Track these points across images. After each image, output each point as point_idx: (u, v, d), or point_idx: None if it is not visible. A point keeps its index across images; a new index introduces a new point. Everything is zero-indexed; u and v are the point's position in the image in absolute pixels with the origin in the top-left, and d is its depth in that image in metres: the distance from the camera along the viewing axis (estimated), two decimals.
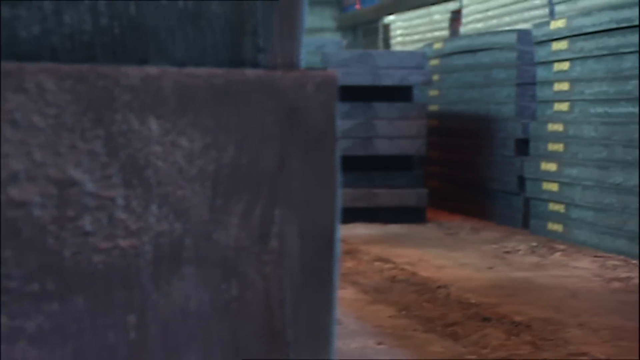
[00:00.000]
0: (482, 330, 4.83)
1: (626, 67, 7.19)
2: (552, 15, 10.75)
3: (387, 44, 20.44)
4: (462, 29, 14.11)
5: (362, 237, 8.19)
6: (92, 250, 0.91)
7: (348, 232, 8.45)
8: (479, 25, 13.26)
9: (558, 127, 8.08)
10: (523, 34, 8.99)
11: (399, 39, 18.53)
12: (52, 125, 0.89)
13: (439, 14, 17.06)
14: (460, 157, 10.14)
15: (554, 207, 8.13)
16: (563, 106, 8.05)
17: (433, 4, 17.65)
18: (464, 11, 14.21)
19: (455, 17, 15.91)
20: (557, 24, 8.13)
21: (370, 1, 26.03)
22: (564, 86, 8.00)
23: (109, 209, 0.92)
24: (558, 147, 8.07)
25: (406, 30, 18.41)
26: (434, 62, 10.71)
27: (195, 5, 0.98)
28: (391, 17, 19.80)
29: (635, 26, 7.05)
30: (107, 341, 0.92)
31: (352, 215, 9.00)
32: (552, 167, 8.11)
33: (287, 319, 0.95)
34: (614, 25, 7.31)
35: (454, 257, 7.17)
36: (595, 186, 7.50)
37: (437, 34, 16.31)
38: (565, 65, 7.99)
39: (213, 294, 0.94)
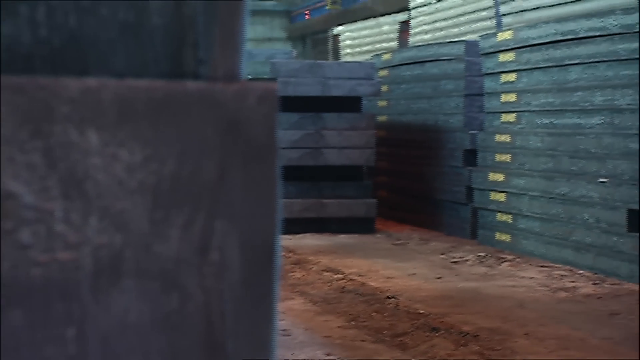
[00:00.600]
0: (430, 340, 4.85)
1: (571, 79, 7.27)
2: (499, 26, 10.85)
3: (336, 54, 20.49)
4: (411, 40, 14.19)
5: (312, 248, 8.19)
6: (30, 263, 0.90)
7: (297, 242, 8.44)
8: (427, 36, 13.34)
9: (505, 137, 8.15)
10: (471, 45, 9.06)
11: (348, 49, 18.58)
12: None
13: (388, 25, 17.15)
14: (408, 167, 10.18)
15: (501, 217, 8.20)
16: (510, 117, 8.12)
17: (382, 15, 17.73)
18: (413, 22, 14.30)
19: (404, 28, 16.00)
20: (504, 36, 8.20)
21: (320, 11, 26.06)
22: (511, 97, 8.07)
23: (48, 222, 0.91)
24: (505, 157, 8.14)
25: (355, 41, 18.46)
26: (383, 72, 10.76)
27: (136, 17, 0.98)
28: (340, 28, 19.85)
29: (580, 38, 7.13)
30: (46, 355, 0.91)
31: (301, 225, 9.00)
32: (499, 177, 8.17)
33: (227, 332, 0.94)
34: (559, 37, 7.39)
35: (403, 268, 7.19)
36: (542, 196, 7.57)
37: (385, 44, 16.38)
38: (512, 77, 8.06)
39: (153, 307, 0.93)
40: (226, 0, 0.97)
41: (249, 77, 9.49)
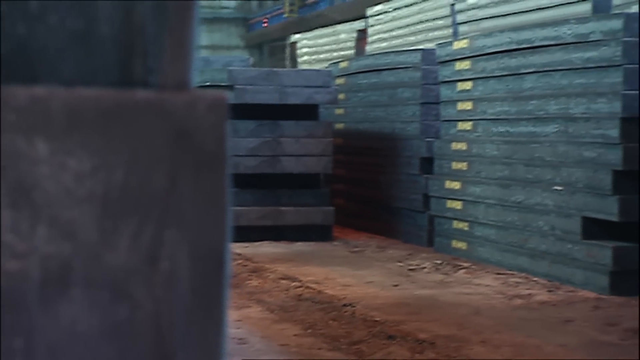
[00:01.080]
0: (387, 348, 4.86)
1: (526, 87, 7.32)
2: (455, 35, 10.92)
3: (293, 62, 20.50)
4: (368, 48, 14.23)
5: (269, 256, 8.18)
6: None
7: (254, 250, 8.43)
8: (384, 44, 13.39)
9: (462, 145, 8.19)
10: (427, 54, 9.09)
11: (306, 57, 18.60)
12: None
13: (345, 33, 17.19)
14: (365, 175, 10.20)
15: (458, 225, 8.23)
16: (466, 125, 8.16)
17: (339, 23, 17.78)
18: (370, 30, 14.35)
19: (361, 36, 16.05)
20: (460, 44, 8.25)
21: (277, 19, 26.05)
22: (467, 105, 8.12)
23: None
24: (462, 165, 8.18)
25: (312, 49, 18.48)
26: (340, 80, 10.78)
27: (85, 26, 0.97)
28: (298, 36, 19.87)
29: (535, 47, 7.19)
30: None
31: (258, 233, 8.99)
32: (456, 185, 8.21)
33: (177, 341, 0.94)
34: (514, 46, 7.45)
35: (360, 275, 7.20)
36: (498, 204, 7.62)
37: (343, 52, 16.42)
38: (468, 85, 8.11)
39: (102, 317, 0.93)
40: (176, 8, 0.97)
41: (207, 84, 9.47)
